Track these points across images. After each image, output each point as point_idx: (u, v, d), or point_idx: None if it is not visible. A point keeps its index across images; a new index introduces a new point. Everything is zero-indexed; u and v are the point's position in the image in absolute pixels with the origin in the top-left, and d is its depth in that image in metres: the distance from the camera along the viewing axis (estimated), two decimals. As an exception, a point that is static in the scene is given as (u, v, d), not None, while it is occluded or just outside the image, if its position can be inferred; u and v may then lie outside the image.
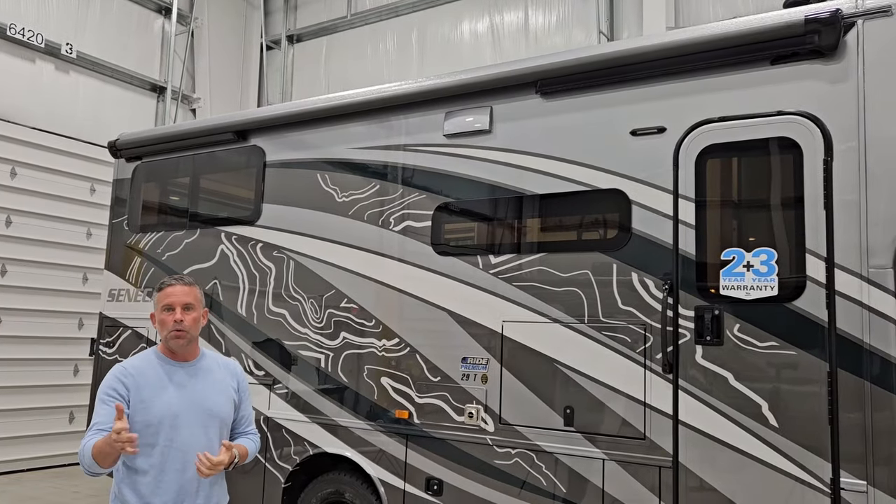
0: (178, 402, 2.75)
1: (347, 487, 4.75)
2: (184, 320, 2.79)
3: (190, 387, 2.81)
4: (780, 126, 3.62)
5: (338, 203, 5.07)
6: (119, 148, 6.42)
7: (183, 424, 2.73)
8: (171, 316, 2.79)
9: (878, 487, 3.25)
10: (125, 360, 2.90)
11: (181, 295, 2.83)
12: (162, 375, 2.79)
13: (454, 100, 4.68)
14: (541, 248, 4.28)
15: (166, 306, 2.81)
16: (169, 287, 2.86)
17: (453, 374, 4.43)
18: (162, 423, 2.70)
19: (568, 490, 3.98)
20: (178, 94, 11.30)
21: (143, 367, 2.80)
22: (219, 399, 2.87)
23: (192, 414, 2.76)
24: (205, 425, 2.78)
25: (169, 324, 2.79)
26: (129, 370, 2.77)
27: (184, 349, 2.85)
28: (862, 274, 3.38)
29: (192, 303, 2.85)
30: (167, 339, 2.82)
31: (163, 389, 2.75)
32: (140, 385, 2.73)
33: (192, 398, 2.79)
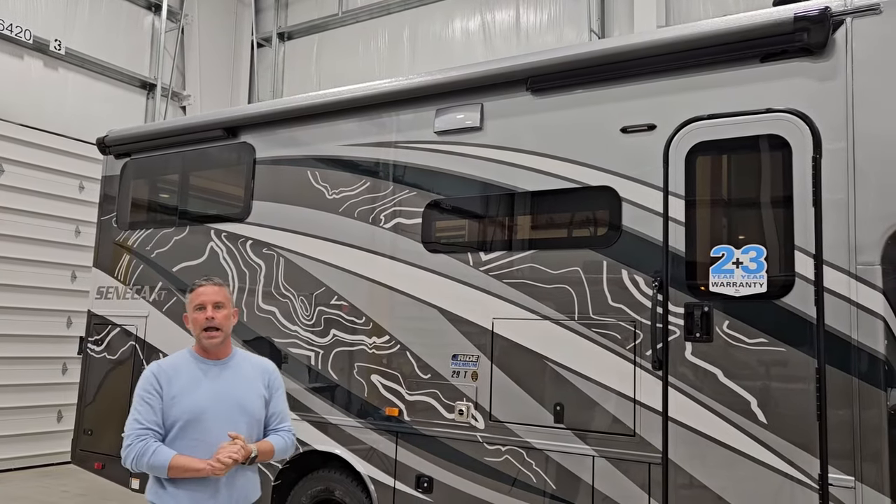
0: (206, 398, 2.85)
1: (337, 485, 4.74)
2: (215, 318, 2.92)
3: (220, 383, 2.91)
4: (769, 123, 3.64)
5: (328, 200, 5.05)
6: (108, 144, 6.37)
7: (210, 419, 2.82)
8: (203, 314, 2.92)
9: (866, 483, 3.27)
10: (161, 360, 3.04)
11: (212, 294, 2.95)
12: (193, 373, 2.91)
13: (445, 97, 4.67)
14: (531, 246, 4.28)
15: (198, 305, 2.94)
16: (200, 287, 2.99)
17: (444, 371, 4.42)
18: (191, 418, 2.81)
19: (558, 487, 3.99)
20: (167, 92, 11.25)
21: (176, 365, 2.93)
22: (248, 395, 2.95)
23: (220, 409, 2.85)
24: (233, 421, 2.86)
25: (201, 322, 2.92)
26: (163, 367, 2.91)
27: (216, 347, 2.96)
28: (850, 271, 3.39)
29: (223, 301, 2.97)
30: (200, 337, 2.94)
31: (193, 386, 2.86)
32: (172, 381, 2.85)
33: (220, 394, 2.89)
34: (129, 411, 5.96)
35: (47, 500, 7.46)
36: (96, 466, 5.98)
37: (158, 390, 2.83)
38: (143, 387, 2.86)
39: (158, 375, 2.87)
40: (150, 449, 2.76)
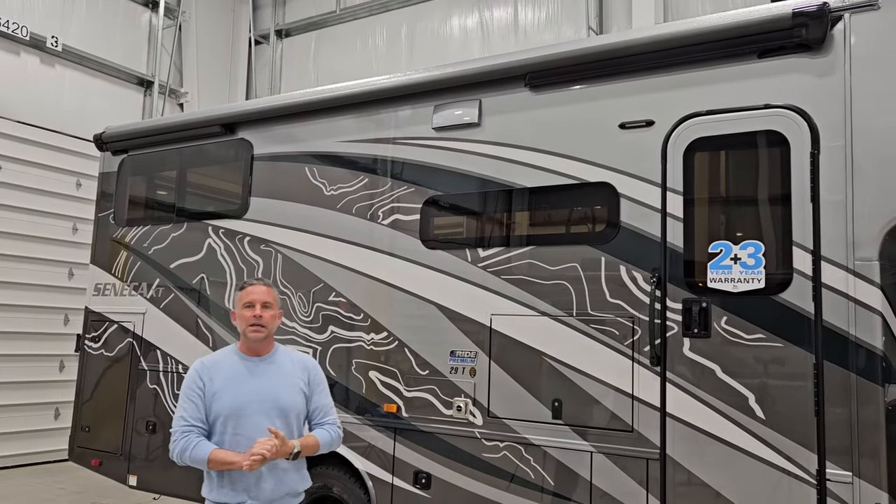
0: (245, 393, 2.96)
1: (335, 482, 4.74)
2: (263, 316, 3.03)
3: (259, 380, 3.02)
4: (767, 119, 3.64)
5: (326, 196, 5.04)
6: (105, 141, 6.36)
7: (249, 415, 2.93)
8: (252, 312, 3.03)
9: (864, 478, 3.27)
10: (205, 357, 3.15)
11: (261, 294, 3.07)
12: (235, 369, 3.02)
13: (443, 93, 4.66)
14: (529, 242, 4.27)
15: (247, 303, 3.06)
16: (250, 286, 3.11)
17: (442, 367, 4.42)
18: (231, 413, 2.93)
19: (556, 483, 3.99)
20: (165, 89, 11.22)
21: (219, 361, 3.06)
22: (286, 391, 3.04)
23: (258, 405, 2.95)
24: (271, 416, 2.96)
25: (249, 318, 3.03)
26: (207, 364, 3.05)
27: (259, 344, 3.08)
28: (848, 266, 3.40)
29: (271, 302, 3.09)
30: (246, 333, 3.05)
31: (234, 382, 2.98)
32: (214, 378, 2.98)
33: (259, 390, 2.99)
34: (126, 408, 5.99)
35: (44, 497, 7.46)
36: (94, 463, 5.97)
37: (202, 388, 2.96)
38: (187, 384, 2.99)
39: (201, 373, 3.00)
40: (191, 444, 2.89)
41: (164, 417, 5.59)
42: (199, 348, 5.47)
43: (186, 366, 5.53)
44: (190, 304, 5.61)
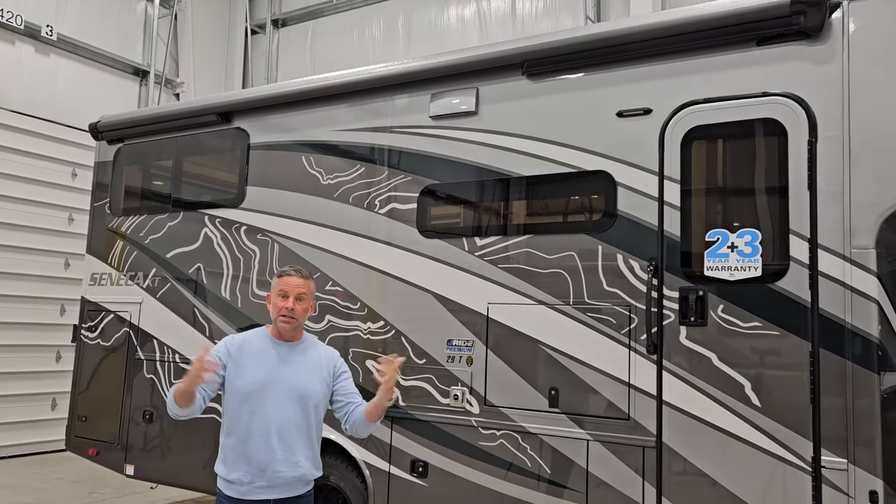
0: (269, 375, 3.00)
1: (332, 471, 4.74)
2: (295, 308, 3.06)
3: (284, 364, 3.06)
4: (765, 107, 3.63)
5: (323, 186, 5.03)
6: (101, 130, 6.33)
7: (269, 397, 2.96)
8: (285, 303, 3.07)
9: (859, 465, 3.29)
10: (239, 333, 3.22)
11: (296, 286, 3.10)
12: (263, 350, 3.07)
13: (440, 81, 4.65)
14: (527, 231, 4.27)
15: (282, 292, 3.08)
16: (287, 276, 3.12)
17: (438, 356, 4.42)
18: (251, 392, 2.96)
19: (553, 471, 4.00)
20: (161, 79, 11.16)
21: (250, 340, 3.11)
22: (309, 379, 3.08)
23: (280, 388, 2.99)
24: (292, 401, 3.00)
25: (280, 308, 3.07)
26: (237, 340, 3.11)
27: (289, 332, 3.12)
28: (845, 254, 3.40)
29: (306, 294, 3.12)
30: (277, 321, 3.10)
31: (259, 363, 3.02)
32: (242, 354, 3.03)
33: (283, 374, 3.02)
34: (123, 397, 5.97)
35: (41, 486, 7.46)
36: (91, 453, 5.97)
37: (225, 354, 3.02)
38: (214, 350, 3.03)
39: (229, 345, 3.07)
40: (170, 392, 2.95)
41: (161, 407, 5.59)
42: (196, 338, 5.47)
43: (183, 355, 5.53)
44: (186, 293, 5.60)
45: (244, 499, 2.94)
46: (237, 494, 2.95)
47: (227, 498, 2.97)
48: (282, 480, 2.97)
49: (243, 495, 2.94)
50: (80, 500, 6.97)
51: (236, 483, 2.95)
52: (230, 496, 2.96)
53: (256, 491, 2.94)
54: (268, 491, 2.95)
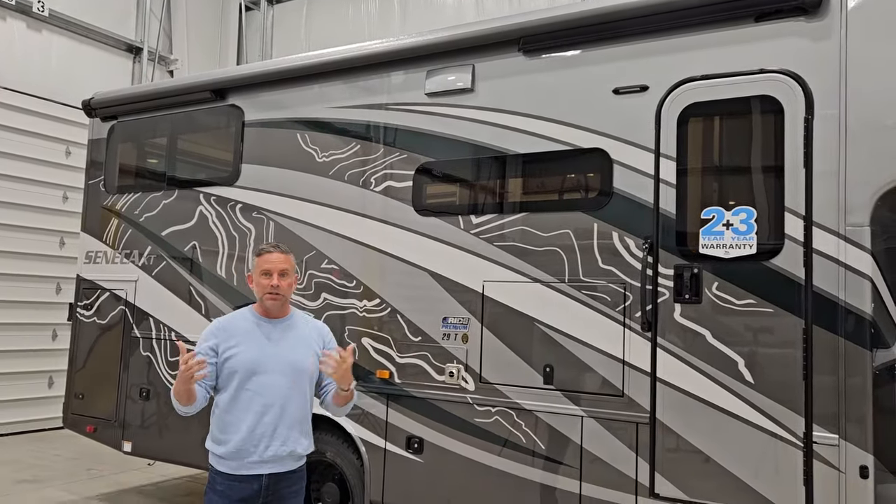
0: (261, 352, 3.02)
1: (329, 447, 4.78)
2: (280, 285, 3.07)
3: (275, 340, 3.08)
4: (762, 84, 3.62)
5: (318, 163, 5.01)
6: (94, 107, 6.29)
7: (263, 372, 2.99)
8: (269, 280, 3.08)
9: (850, 441, 3.32)
10: (222, 316, 3.23)
11: (279, 262, 3.10)
12: (251, 329, 3.08)
13: (436, 58, 4.61)
14: (522, 209, 4.26)
15: (265, 271, 3.09)
16: (267, 254, 3.13)
17: (434, 334, 4.43)
18: (245, 370, 2.99)
19: (547, 447, 4.03)
20: (154, 55, 11.06)
21: (235, 321, 3.13)
22: (300, 353, 3.10)
23: (273, 364, 3.02)
24: (286, 375, 3.03)
25: (265, 287, 3.08)
26: (223, 324, 3.13)
27: (277, 309, 3.13)
28: (839, 232, 3.41)
29: (288, 269, 3.13)
30: (263, 300, 3.10)
31: (249, 341, 3.04)
32: (230, 336, 3.05)
33: (275, 350, 3.05)
34: (119, 375, 5.99)
35: (40, 463, 7.51)
36: (88, 430, 6.00)
37: (214, 346, 3.03)
38: (200, 341, 3.07)
39: (216, 333, 3.07)
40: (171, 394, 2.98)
41: (158, 384, 5.61)
42: (192, 316, 5.48)
43: (179, 333, 5.54)
44: (182, 271, 5.60)
45: (237, 474, 2.97)
46: (230, 470, 2.98)
47: (220, 473, 3.00)
48: (274, 456, 2.99)
49: (235, 470, 2.97)
50: (78, 476, 7.02)
51: (229, 459, 2.98)
52: (223, 472, 2.99)
53: (249, 466, 2.97)
54: (260, 466, 2.98)
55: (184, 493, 6.51)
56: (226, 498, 2.96)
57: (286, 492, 3.07)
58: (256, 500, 3.00)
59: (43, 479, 6.86)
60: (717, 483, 3.55)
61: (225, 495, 2.96)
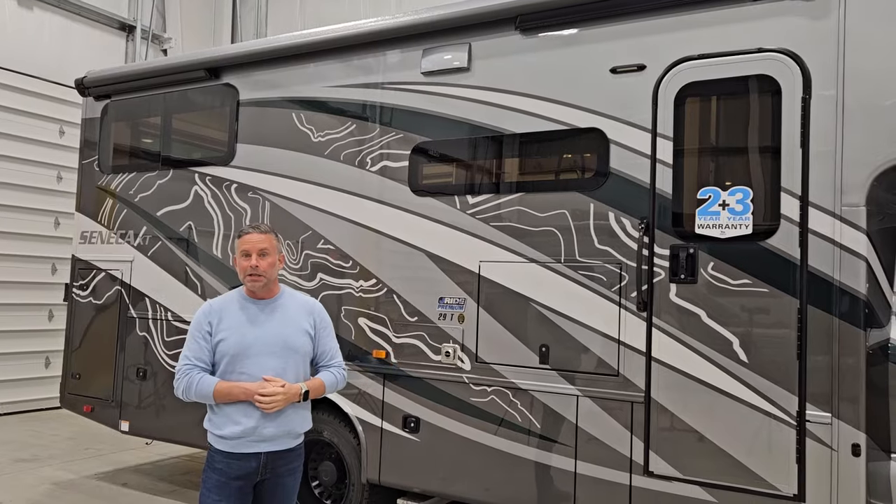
0: (252, 335, 3.03)
1: (325, 426, 4.80)
2: (259, 265, 3.05)
3: (265, 322, 3.08)
4: (759, 63, 3.60)
5: (314, 143, 4.98)
6: (87, 86, 6.23)
7: (255, 355, 3.01)
8: (248, 262, 3.07)
9: (843, 419, 3.35)
10: (213, 299, 3.20)
11: (257, 242, 3.08)
12: (242, 312, 3.09)
13: (432, 36, 4.58)
14: (519, 189, 4.25)
15: (244, 252, 3.09)
16: (246, 235, 3.12)
17: (430, 314, 4.44)
18: (237, 353, 3.01)
19: (543, 426, 4.06)
20: (148, 34, 10.95)
21: (226, 304, 3.12)
22: (293, 333, 3.11)
23: (264, 346, 3.03)
24: (277, 356, 3.04)
25: (245, 268, 3.07)
26: (214, 307, 3.11)
27: (260, 290, 3.11)
28: (835, 212, 3.41)
29: (268, 248, 3.10)
30: (245, 282, 3.11)
31: (240, 324, 3.05)
32: (222, 319, 3.05)
33: (266, 332, 3.05)
34: (116, 355, 6.00)
35: (38, 443, 7.54)
36: (85, 409, 6.02)
37: (208, 330, 3.04)
38: (194, 326, 3.08)
39: (209, 315, 3.07)
40: (195, 380, 2.98)
41: (155, 364, 5.63)
42: (188, 296, 5.48)
43: (176, 313, 5.54)
44: (178, 251, 5.59)
45: (235, 452, 2.99)
46: (229, 448, 3.00)
47: (219, 452, 3.02)
48: (271, 434, 3.02)
49: (234, 448, 2.99)
50: (76, 455, 7.06)
51: (228, 438, 3.00)
52: (222, 450, 3.02)
53: (248, 445, 2.99)
54: (259, 445, 3.00)
55: (182, 472, 6.56)
56: (224, 476, 2.99)
57: (284, 470, 3.10)
58: (255, 478, 3.03)
59: (41, 459, 6.90)
60: (711, 461, 3.59)
61: (224, 473, 2.99)
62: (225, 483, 2.99)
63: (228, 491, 2.99)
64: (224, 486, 2.99)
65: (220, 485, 2.99)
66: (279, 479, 3.10)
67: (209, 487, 3.01)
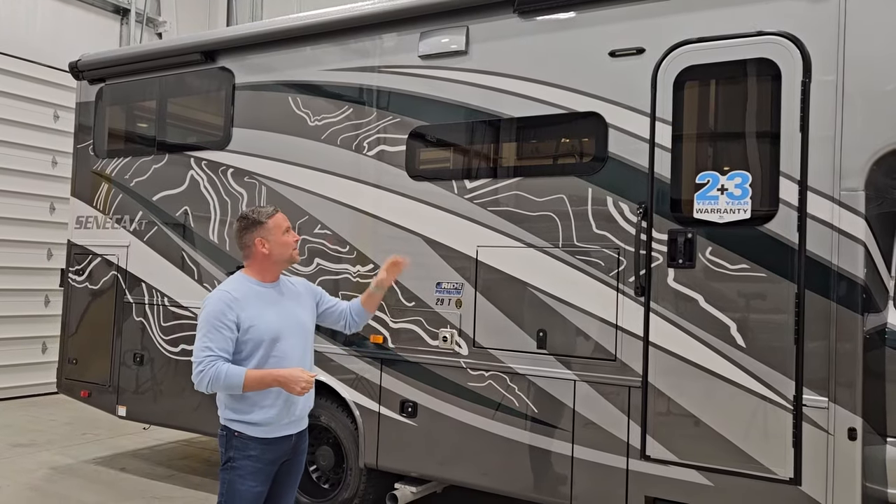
0: (277, 318, 3.04)
1: (323, 411, 4.81)
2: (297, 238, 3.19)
3: (282, 304, 3.11)
4: (759, 47, 3.57)
5: (310, 127, 4.95)
6: (81, 69, 6.18)
7: (283, 338, 3.03)
8: (293, 237, 3.14)
9: (839, 404, 3.36)
10: (223, 286, 3.08)
11: (287, 219, 3.19)
12: (261, 297, 3.06)
13: (429, 19, 4.53)
14: (516, 173, 4.24)
15: (287, 229, 3.13)
16: (277, 214, 3.14)
17: (428, 299, 4.44)
18: (271, 339, 2.99)
19: (540, 411, 4.06)
20: (142, 17, 10.85)
21: (242, 291, 3.05)
22: (305, 312, 3.19)
23: (289, 328, 3.06)
24: (298, 336, 3.09)
25: (292, 244, 3.13)
26: (234, 294, 3.00)
27: (284, 268, 3.20)
28: (834, 197, 3.40)
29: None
30: (293, 255, 3.15)
31: (263, 309, 3.03)
32: (244, 307, 2.99)
33: (287, 314, 3.09)
34: (113, 340, 5.99)
35: (36, 428, 7.55)
36: (83, 394, 6.02)
37: (235, 321, 2.95)
38: (216, 316, 2.93)
39: (233, 305, 2.96)
40: (223, 370, 2.88)
41: (152, 350, 5.62)
42: (184, 281, 5.46)
43: (173, 299, 5.53)
44: (174, 237, 5.56)
45: (271, 437, 2.99)
46: (263, 434, 2.98)
47: (253, 439, 2.97)
48: (301, 415, 3.11)
49: (269, 434, 2.99)
50: (74, 440, 7.07)
51: (263, 424, 2.97)
52: (255, 437, 2.97)
53: (282, 428, 3.02)
54: (290, 426, 3.06)
55: (180, 457, 6.57)
56: (260, 461, 2.98)
57: (302, 447, 3.20)
58: (282, 460, 3.08)
59: (39, 444, 6.91)
60: (708, 445, 3.60)
61: (259, 459, 2.98)
62: (261, 469, 2.99)
63: (264, 476, 3.00)
64: (260, 471, 2.99)
65: (257, 471, 2.98)
66: (297, 457, 3.17)
67: (243, 475, 2.96)
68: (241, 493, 2.96)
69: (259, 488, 2.99)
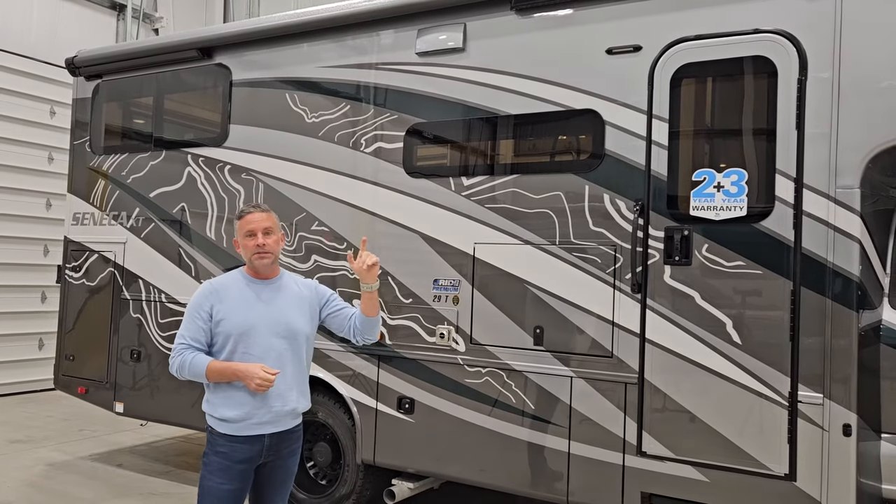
0: (255, 315, 3.01)
1: (320, 408, 4.82)
2: (266, 243, 3.05)
3: (268, 302, 3.07)
4: (756, 45, 3.58)
5: (307, 124, 4.95)
6: (78, 65, 6.16)
7: (258, 335, 2.99)
8: (254, 241, 3.05)
9: (834, 400, 3.38)
10: (214, 278, 3.18)
11: (260, 221, 3.07)
12: (244, 291, 3.07)
13: (427, 16, 4.53)
14: (514, 170, 4.25)
15: (249, 232, 3.07)
16: (248, 215, 3.09)
17: (425, 296, 4.44)
18: (241, 333, 2.98)
19: (537, 407, 4.08)
20: (139, 13, 10.82)
21: (227, 284, 3.10)
22: (296, 312, 3.11)
23: (267, 326, 3.01)
24: (280, 337, 3.03)
25: (252, 248, 3.06)
26: (215, 286, 3.08)
27: (267, 268, 3.11)
28: (829, 194, 3.41)
29: (271, 227, 3.10)
30: (252, 260, 3.08)
31: (243, 304, 3.03)
32: (222, 299, 3.02)
33: (269, 312, 3.04)
34: (110, 337, 5.99)
35: (33, 424, 7.55)
36: (80, 391, 6.03)
37: (208, 311, 3.00)
38: (193, 305, 3.04)
39: (209, 296, 3.03)
40: (188, 359, 2.96)
41: (149, 346, 5.62)
42: (181, 277, 5.46)
43: (170, 295, 5.53)
44: (171, 233, 5.56)
45: (239, 435, 2.95)
46: (232, 431, 2.96)
47: (223, 435, 2.97)
48: (275, 415, 2.99)
49: (238, 431, 2.95)
50: (71, 436, 7.07)
51: (231, 421, 2.95)
52: (225, 433, 2.97)
53: (251, 427, 2.96)
54: (262, 426, 2.97)
55: (177, 454, 6.58)
56: (228, 459, 2.94)
57: (286, 451, 3.09)
58: (258, 461, 3.01)
59: (36, 440, 6.91)
60: (704, 441, 3.62)
61: (227, 457, 2.94)
62: (228, 466, 2.94)
63: (232, 474, 2.94)
64: (227, 469, 2.94)
65: (225, 468, 2.94)
66: (281, 460, 3.08)
67: (211, 471, 2.96)
68: (209, 489, 2.95)
69: (227, 486, 2.93)
